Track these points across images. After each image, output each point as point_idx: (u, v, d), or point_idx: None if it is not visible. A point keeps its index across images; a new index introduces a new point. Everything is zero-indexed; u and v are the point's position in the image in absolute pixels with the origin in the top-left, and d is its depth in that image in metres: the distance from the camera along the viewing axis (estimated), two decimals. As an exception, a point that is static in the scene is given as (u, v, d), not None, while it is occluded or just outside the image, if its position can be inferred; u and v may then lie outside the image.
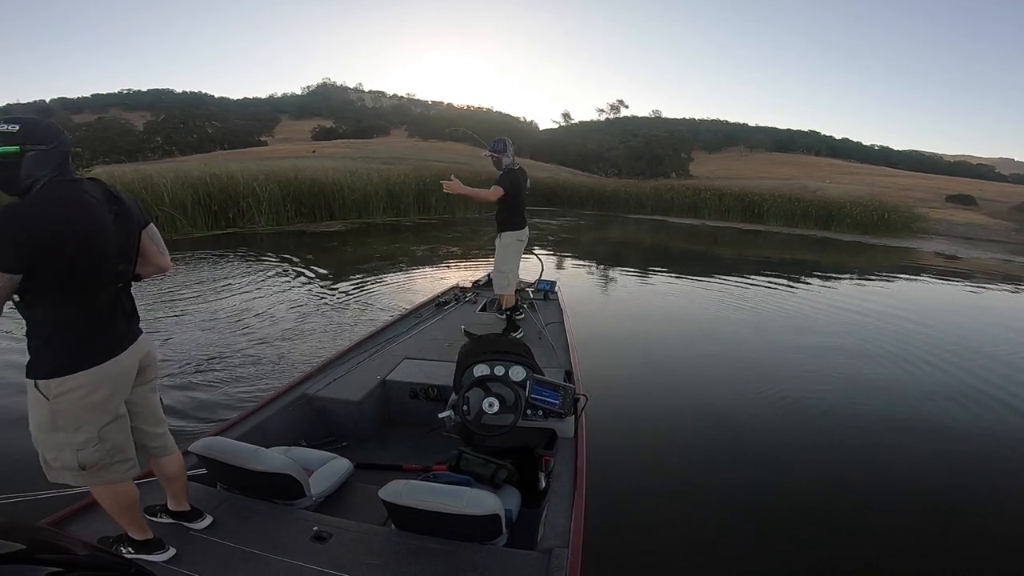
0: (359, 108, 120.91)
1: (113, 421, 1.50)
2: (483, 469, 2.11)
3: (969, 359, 5.63)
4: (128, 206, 1.56)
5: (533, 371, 2.45)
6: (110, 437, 1.49)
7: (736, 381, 4.67)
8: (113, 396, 1.49)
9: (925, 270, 12.77)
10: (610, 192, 27.34)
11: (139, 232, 1.61)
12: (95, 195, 1.45)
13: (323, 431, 2.80)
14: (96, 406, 1.45)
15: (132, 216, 1.56)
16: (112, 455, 1.50)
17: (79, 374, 1.41)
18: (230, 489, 1.95)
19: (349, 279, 8.01)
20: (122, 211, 1.51)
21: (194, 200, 12.18)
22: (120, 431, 1.53)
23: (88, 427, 1.44)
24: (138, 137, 62.14)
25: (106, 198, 1.48)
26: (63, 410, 1.42)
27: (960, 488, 3.16)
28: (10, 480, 1.93)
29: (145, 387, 1.65)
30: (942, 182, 45.37)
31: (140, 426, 1.63)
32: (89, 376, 1.42)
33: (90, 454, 1.45)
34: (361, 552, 1.64)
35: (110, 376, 1.47)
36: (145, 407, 1.65)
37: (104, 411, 1.47)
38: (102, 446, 1.47)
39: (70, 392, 1.41)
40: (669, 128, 70.07)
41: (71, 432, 1.43)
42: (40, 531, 1.22)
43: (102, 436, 1.47)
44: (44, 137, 1.39)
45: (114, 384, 1.49)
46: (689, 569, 2.43)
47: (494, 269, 4.22)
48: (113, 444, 1.50)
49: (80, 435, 1.44)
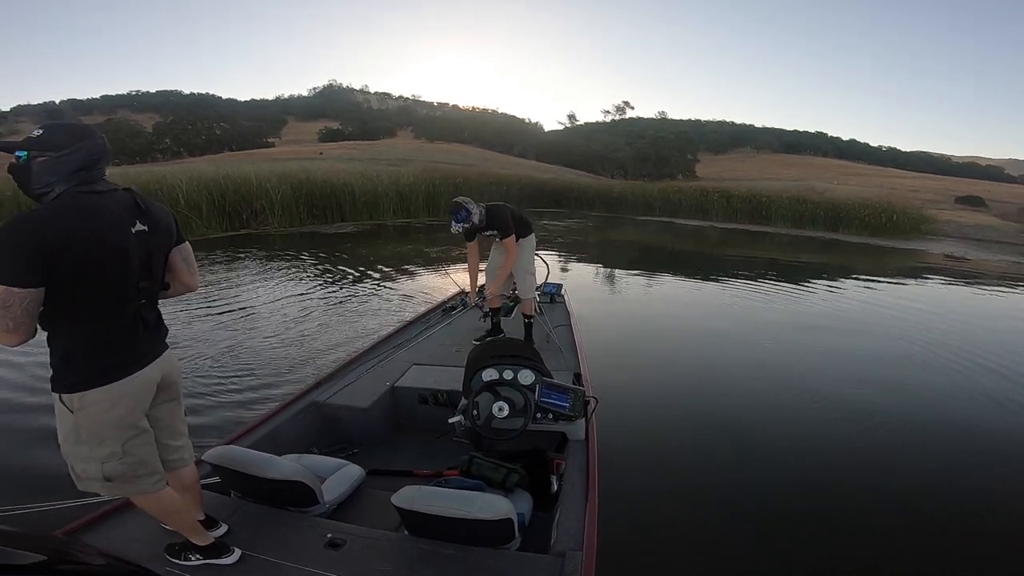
0: (365, 110, 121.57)
1: (137, 435, 1.49)
2: (494, 473, 2.11)
3: (973, 360, 5.62)
4: (159, 221, 1.50)
5: (542, 374, 2.46)
6: (134, 451, 1.48)
7: (745, 382, 4.69)
8: (135, 411, 1.48)
9: (934, 271, 12.75)
10: (617, 194, 27.39)
11: (168, 249, 1.57)
12: (116, 207, 1.40)
13: (334, 438, 2.81)
14: (117, 421, 1.44)
15: (161, 232, 1.51)
16: (137, 468, 1.49)
17: (98, 389, 1.40)
18: (244, 497, 1.96)
19: (364, 281, 8.12)
20: (150, 225, 1.46)
21: (209, 201, 12.36)
22: (144, 445, 1.52)
23: (111, 441, 1.44)
24: (147, 138, 62.58)
25: (131, 211, 1.43)
26: (85, 424, 1.41)
27: (962, 489, 3.16)
28: (26, 491, 1.97)
29: (169, 403, 1.64)
30: (951, 183, 45.11)
31: (161, 439, 1.61)
32: (108, 392, 1.41)
33: (114, 467, 1.45)
34: (375, 558, 1.65)
35: (130, 392, 1.45)
36: (167, 421, 1.64)
37: (126, 426, 1.46)
38: (127, 459, 1.47)
39: (91, 407, 1.40)
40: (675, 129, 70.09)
41: (95, 446, 1.43)
42: (57, 541, 1.23)
43: (126, 450, 1.46)
44: (58, 143, 1.34)
45: (135, 400, 1.47)
46: (704, 570, 2.43)
47: (519, 272, 4.05)
48: (138, 458, 1.49)
49: (104, 449, 1.43)
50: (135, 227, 1.42)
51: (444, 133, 74.59)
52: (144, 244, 1.45)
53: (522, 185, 25.41)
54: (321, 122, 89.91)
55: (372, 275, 8.49)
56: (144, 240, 1.44)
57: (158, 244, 1.51)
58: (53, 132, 1.37)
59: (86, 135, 1.40)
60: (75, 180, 1.36)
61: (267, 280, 7.88)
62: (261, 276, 8.17)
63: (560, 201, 26.56)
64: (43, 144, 1.34)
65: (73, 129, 1.41)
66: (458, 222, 3.68)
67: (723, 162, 70.19)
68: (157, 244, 1.50)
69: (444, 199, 17.84)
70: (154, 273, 1.51)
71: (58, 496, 1.80)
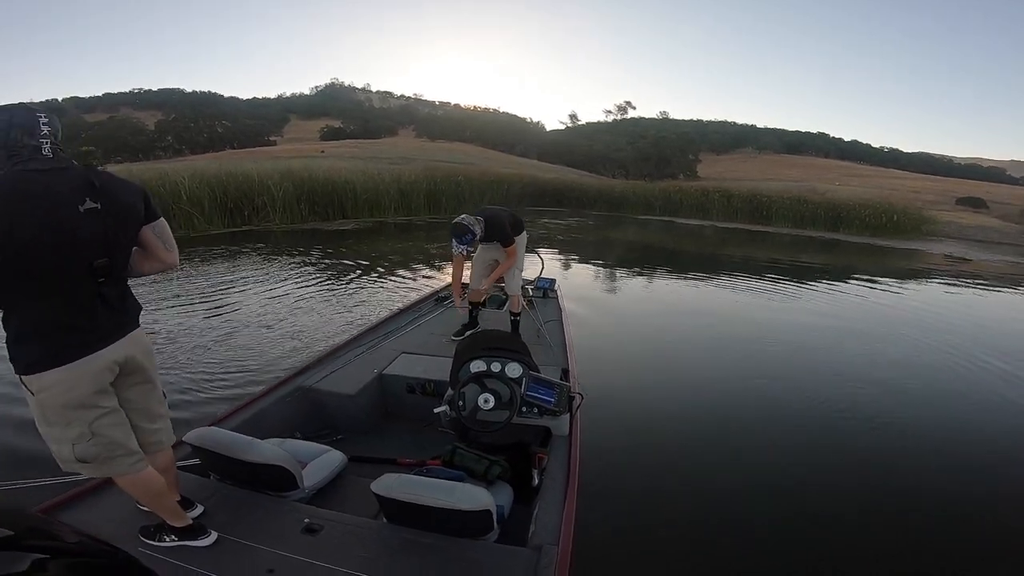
0: (367, 108, 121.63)
1: (104, 415, 1.45)
2: (476, 465, 2.10)
3: (973, 360, 5.62)
4: (116, 198, 1.44)
5: (529, 368, 2.45)
6: (104, 432, 1.45)
7: (733, 382, 4.65)
8: (97, 392, 1.44)
9: (934, 272, 12.78)
10: (618, 193, 27.43)
11: (134, 225, 1.51)
12: (60, 185, 1.35)
13: (319, 424, 2.79)
14: (79, 402, 1.40)
15: (120, 209, 1.45)
16: (111, 449, 1.47)
17: (54, 371, 1.36)
18: (223, 479, 1.93)
19: (364, 275, 8.16)
20: (103, 203, 1.40)
21: (211, 198, 12.40)
22: (115, 426, 1.48)
23: (78, 423, 1.41)
24: (149, 136, 62.92)
25: (80, 190, 1.37)
26: (49, 405, 1.39)
27: (964, 490, 3.15)
28: (12, 468, 1.97)
29: (140, 385, 1.59)
30: (952, 184, 45.12)
31: (135, 422, 1.58)
32: (64, 373, 1.37)
33: (86, 448, 1.43)
34: (352, 544, 1.64)
35: (89, 372, 1.41)
36: (140, 403, 1.60)
37: (89, 407, 1.42)
38: (97, 440, 1.44)
39: (50, 388, 1.37)
40: (677, 129, 70.18)
41: (63, 427, 1.41)
42: (29, 518, 1.23)
43: (95, 431, 1.43)
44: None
45: (95, 380, 1.42)
46: (679, 568, 2.44)
47: (509, 269, 4.06)
48: (110, 439, 1.46)
49: (72, 430, 1.41)
50: (84, 205, 1.36)
51: (446, 132, 74.79)
52: (97, 222, 1.39)
53: (524, 184, 25.42)
54: (323, 121, 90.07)
55: (373, 270, 8.54)
56: (96, 218, 1.38)
57: (116, 222, 1.44)
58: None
59: (12, 113, 1.37)
60: (9, 162, 1.34)
61: (267, 275, 7.91)
62: (261, 271, 8.21)
63: (561, 200, 26.59)
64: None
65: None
66: (462, 244, 3.59)
67: (725, 162, 70.16)
68: (115, 222, 1.43)
69: (446, 197, 17.87)
70: (113, 250, 1.44)
71: (42, 474, 1.80)
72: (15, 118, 1.35)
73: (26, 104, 1.44)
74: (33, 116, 1.38)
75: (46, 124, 1.39)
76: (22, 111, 1.38)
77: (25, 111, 1.38)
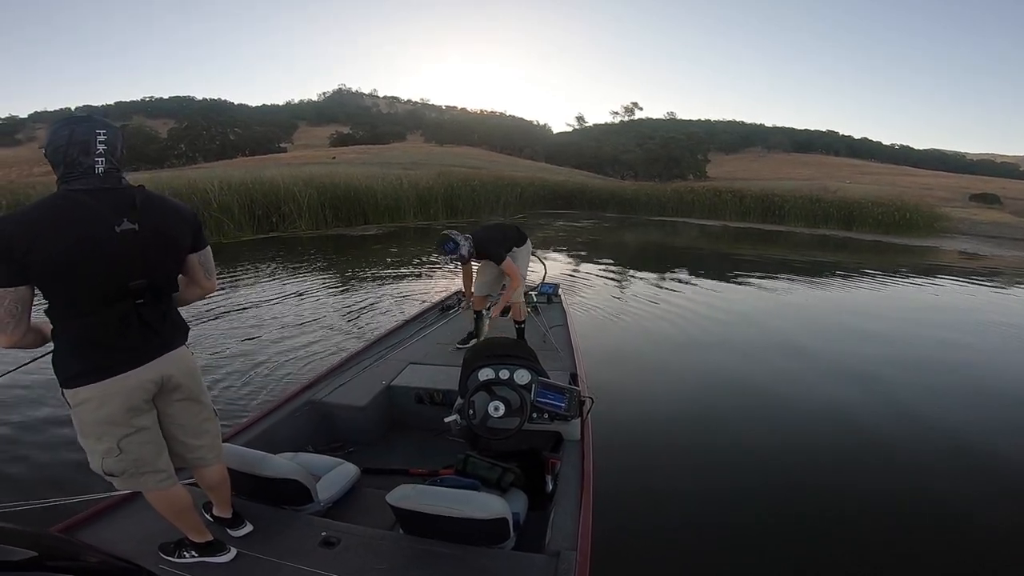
0: (375, 114, 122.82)
1: (133, 434, 1.46)
2: (489, 473, 2.10)
3: (979, 361, 5.60)
4: (156, 220, 1.43)
5: (538, 374, 2.46)
6: (131, 449, 1.46)
7: (743, 384, 4.60)
8: (129, 410, 1.45)
9: (948, 269, 12.85)
10: (630, 195, 27.66)
11: (177, 250, 1.52)
12: (100, 205, 1.34)
13: (329, 436, 2.82)
14: (110, 419, 1.43)
15: (159, 230, 1.44)
16: (137, 466, 1.48)
17: (88, 387, 1.39)
18: (239, 495, 1.92)
19: (405, 279, 8.44)
20: (142, 224, 1.39)
21: (240, 205, 12.82)
22: (143, 444, 1.49)
23: (107, 438, 1.44)
24: (162, 144, 63.68)
25: (119, 210, 1.36)
26: (83, 420, 1.43)
27: (967, 491, 3.14)
28: (31, 487, 2.05)
29: (182, 402, 1.60)
30: (965, 181, 44.88)
31: (179, 437, 1.61)
32: (96, 390, 1.40)
33: (112, 463, 1.46)
34: (369, 557, 1.65)
35: (121, 391, 1.43)
36: (182, 420, 1.61)
37: (120, 424, 1.44)
38: (124, 457, 1.46)
39: (84, 404, 1.41)
40: (685, 130, 70.13)
41: (95, 440, 1.45)
42: (51, 538, 1.24)
43: (122, 448, 1.45)
44: (46, 141, 1.36)
45: (127, 399, 1.44)
46: (698, 571, 2.44)
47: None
48: (136, 456, 1.47)
49: (102, 444, 1.44)
50: (120, 226, 1.36)
51: (454, 136, 75.19)
52: (134, 243, 1.38)
53: (536, 188, 25.73)
54: (331, 127, 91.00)
55: (407, 274, 8.83)
56: (133, 238, 1.38)
57: (156, 243, 1.43)
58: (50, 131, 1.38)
59: (59, 128, 1.36)
60: (62, 180, 1.35)
61: (300, 281, 8.20)
62: (293, 277, 8.51)
63: (573, 203, 26.85)
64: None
65: (54, 126, 1.38)
66: (445, 253, 3.61)
67: (734, 162, 70.10)
68: (154, 244, 1.43)
69: (462, 201, 18.20)
70: (151, 273, 1.45)
71: (61, 492, 1.88)
72: (75, 135, 1.33)
73: (91, 117, 1.40)
74: (92, 132, 1.35)
75: (103, 142, 1.36)
76: (83, 127, 1.35)
77: (86, 126, 1.36)
